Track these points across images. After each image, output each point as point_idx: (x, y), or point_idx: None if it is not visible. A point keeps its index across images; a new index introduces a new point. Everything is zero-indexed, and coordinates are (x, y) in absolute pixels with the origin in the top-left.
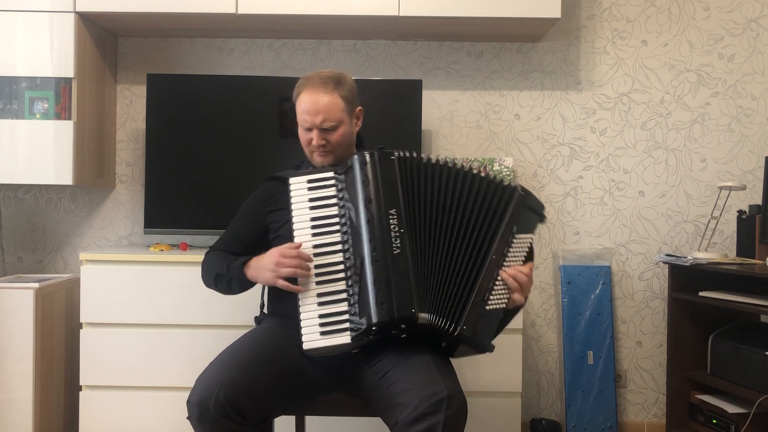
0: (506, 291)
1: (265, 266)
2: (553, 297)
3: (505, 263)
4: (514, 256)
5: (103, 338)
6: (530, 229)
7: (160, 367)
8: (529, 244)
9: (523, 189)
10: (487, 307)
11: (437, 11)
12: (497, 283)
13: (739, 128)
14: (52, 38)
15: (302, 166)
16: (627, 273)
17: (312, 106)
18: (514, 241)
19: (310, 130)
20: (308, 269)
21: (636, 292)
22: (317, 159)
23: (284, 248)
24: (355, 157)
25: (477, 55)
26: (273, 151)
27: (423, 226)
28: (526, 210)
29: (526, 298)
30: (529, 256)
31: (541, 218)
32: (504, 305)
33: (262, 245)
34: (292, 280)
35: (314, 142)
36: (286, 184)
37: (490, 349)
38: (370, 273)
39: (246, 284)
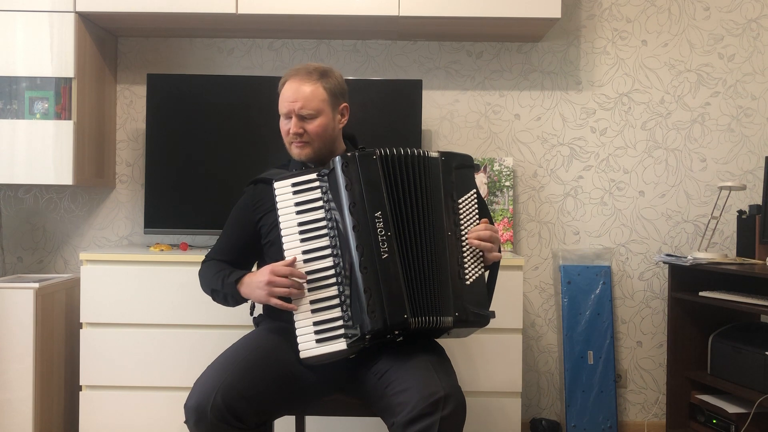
0: (477, 257)
1: (257, 285)
2: (553, 297)
3: (462, 233)
4: (468, 220)
5: (103, 338)
6: (469, 187)
7: (160, 367)
8: (474, 201)
9: (443, 154)
10: (468, 282)
11: (437, 11)
12: (464, 254)
13: (739, 128)
14: (52, 38)
15: (289, 165)
16: (627, 273)
17: (292, 93)
18: (460, 206)
19: (288, 118)
20: (302, 287)
21: (636, 292)
22: (295, 150)
23: (277, 266)
24: (337, 159)
25: (477, 55)
26: (273, 151)
27: (408, 225)
28: (456, 171)
29: (500, 248)
30: (482, 208)
31: (474, 169)
32: (482, 270)
33: (255, 251)
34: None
35: (291, 130)
36: (271, 187)
37: (491, 316)
38: (360, 280)
39: (240, 300)
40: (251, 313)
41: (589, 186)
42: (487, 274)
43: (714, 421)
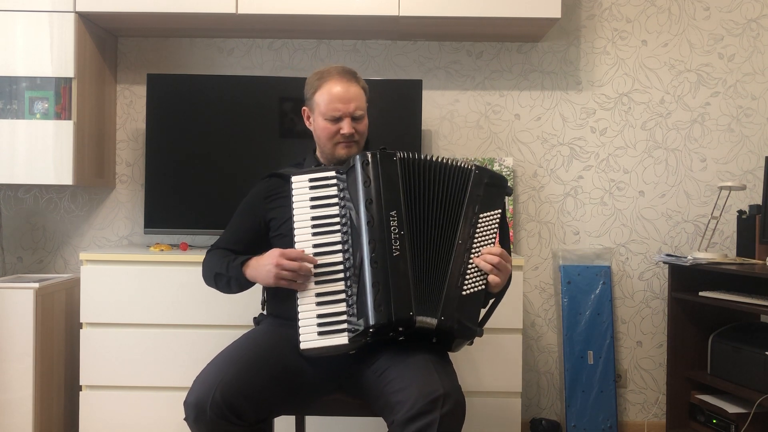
0: (481, 274)
1: (264, 264)
2: (553, 297)
3: (473, 245)
4: (483, 236)
5: (103, 338)
6: (495, 205)
7: (160, 367)
8: (496, 220)
9: (477, 167)
10: (464, 293)
11: (437, 11)
12: (469, 267)
13: (739, 128)
14: (52, 38)
15: (304, 164)
16: (627, 273)
17: (345, 93)
18: (480, 221)
19: (338, 120)
20: (310, 272)
21: (636, 292)
22: (342, 151)
23: (287, 250)
24: (357, 156)
25: (477, 55)
26: (273, 151)
27: (422, 228)
28: (486, 187)
29: (509, 277)
30: (503, 231)
31: (506, 191)
32: (482, 287)
33: (262, 242)
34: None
35: (345, 131)
36: (288, 182)
37: (477, 334)
38: (368, 274)
39: (245, 284)
40: (262, 307)
41: (589, 186)
42: (492, 301)
43: (714, 421)
